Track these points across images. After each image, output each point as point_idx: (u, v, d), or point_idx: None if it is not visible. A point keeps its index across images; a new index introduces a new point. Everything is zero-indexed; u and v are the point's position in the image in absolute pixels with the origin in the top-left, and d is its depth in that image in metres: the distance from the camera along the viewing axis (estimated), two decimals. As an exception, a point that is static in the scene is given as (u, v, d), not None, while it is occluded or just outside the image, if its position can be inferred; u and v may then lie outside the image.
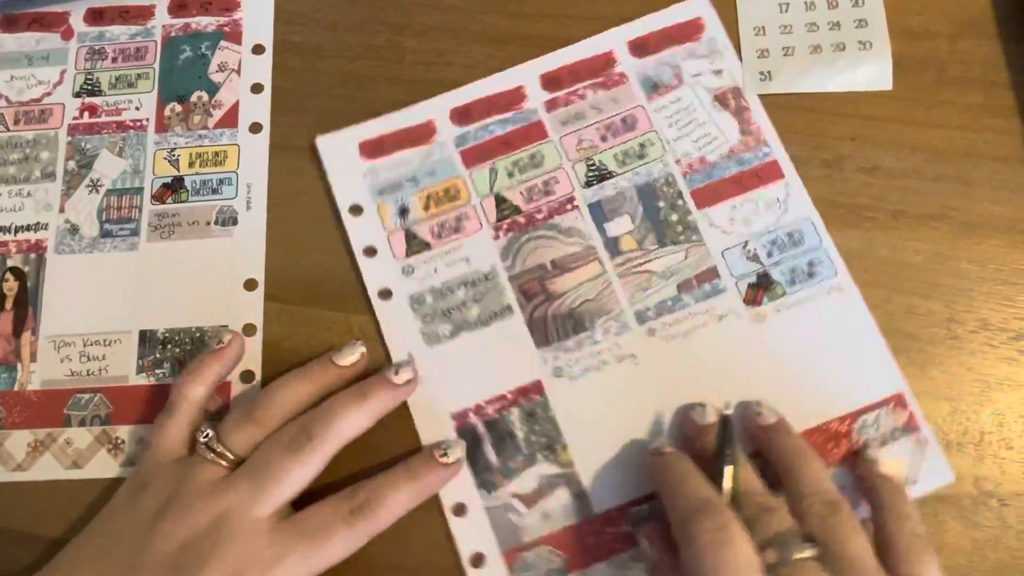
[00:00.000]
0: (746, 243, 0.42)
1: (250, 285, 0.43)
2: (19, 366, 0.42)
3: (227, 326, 0.42)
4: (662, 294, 0.41)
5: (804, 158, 0.44)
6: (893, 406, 0.39)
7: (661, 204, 0.43)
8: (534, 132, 0.44)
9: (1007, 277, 0.42)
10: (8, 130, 0.45)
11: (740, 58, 0.45)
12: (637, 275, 0.42)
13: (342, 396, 0.37)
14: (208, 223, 0.43)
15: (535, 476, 0.39)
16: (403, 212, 0.43)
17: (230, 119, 0.45)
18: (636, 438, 0.39)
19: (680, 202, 0.43)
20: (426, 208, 0.43)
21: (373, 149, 0.44)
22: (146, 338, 0.42)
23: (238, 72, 0.46)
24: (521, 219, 0.43)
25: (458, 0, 0.47)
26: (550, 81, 0.45)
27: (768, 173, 0.43)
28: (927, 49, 0.45)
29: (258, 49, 0.47)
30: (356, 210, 0.43)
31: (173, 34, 0.47)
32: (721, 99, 0.44)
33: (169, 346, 0.41)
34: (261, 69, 0.46)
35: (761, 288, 0.41)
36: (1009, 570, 0.38)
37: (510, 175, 0.44)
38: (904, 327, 0.41)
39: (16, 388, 0.41)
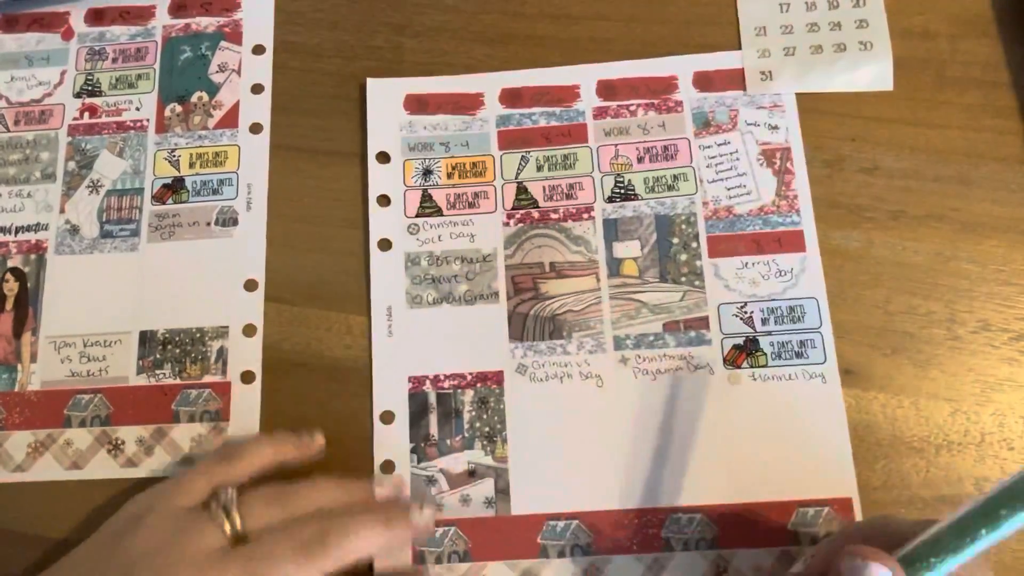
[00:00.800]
0: (744, 304, 0.41)
1: (250, 285, 0.43)
2: (19, 367, 0.42)
3: (227, 327, 0.42)
4: (646, 328, 0.41)
5: (804, 158, 0.44)
6: (837, 509, 0.38)
7: (675, 240, 0.42)
8: (575, 133, 0.44)
9: (1007, 277, 0.42)
10: (8, 131, 0.45)
11: (742, 58, 0.46)
12: (628, 302, 0.41)
13: (368, 518, 0.35)
14: (208, 223, 0.43)
15: (467, 460, 0.39)
16: (427, 173, 0.44)
17: (230, 119, 0.45)
18: (575, 456, 0.39)
19: (694, 244, 0.42)
20: (449, 176, 0.43)
21: (417, 104, 0.45)
22: (146, 339, 0.42)
23: (238, 72, 0.46)
24: (536, 213, 0.43)
25: (458, 0, 0.47)
26: (607, 88, 0.45)
27: (790, 242, 0.42)
28: (927, 49, 0.45)
29: (258, 49, 0.47)
30: (384, 157, 0.44)
31: (173, 35, 0.47)
32: (768, 155, 0.43)
33: (169, 347, 0.41)
34: (261, 69, 0.46)
35: (745, 352, 0.40)
36: (1009, 571, 0.38)
37: (539, 168, 0.44)
38: (904, 327, 0.41)
39: (16, 389, 0.41)
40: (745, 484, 0.39)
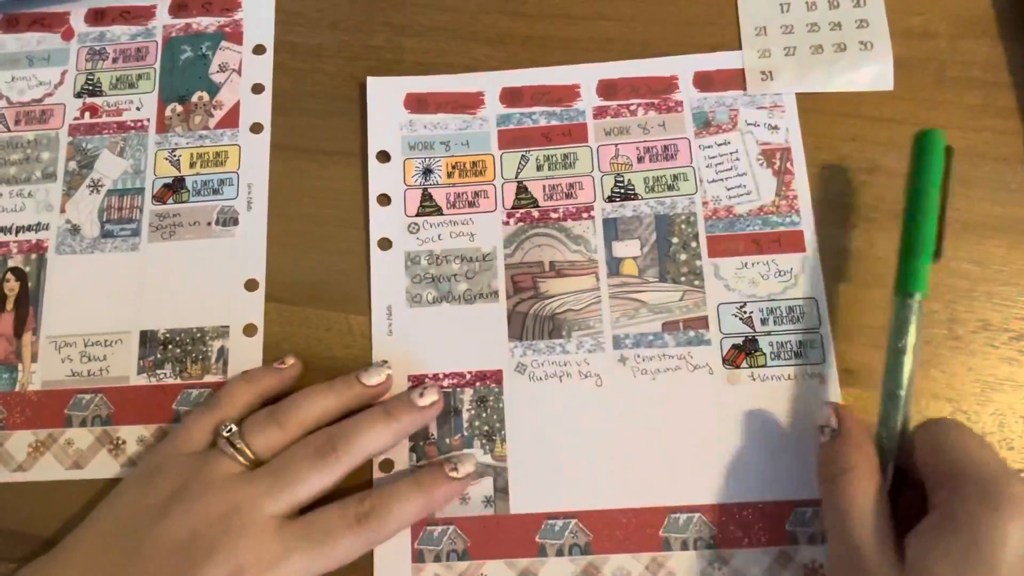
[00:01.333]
0: (744, 304, 0.41)
1: (251, 285, 0.43)
2: (20, 366, 0.42)
3: (228, 327, 0.42)
4: (646, 327, 0.41)
5: (804, 158, 0.44)
6: None
7: (674, 240, 0.42)
8: (576, 133, 0.44)
9: (1008, 277, 0.42)
10: (9, 130, 0.45)
11: (742, 58, 0.46)
12: (628, 301, 0.41)
13: (369, 414, 0.38)
14: (209, 223, 0.44)
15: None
16: (427, 172, 0.44)
17: (231, 119, 0.45)
18: (574, 455, 0.39)
19: (694, 244, 0.42)
20: (449, 175, 0.44)
21: (418, 103, 0.45)
22: (147, 338, 0.42)
23: (239, 72, 0.46)
24: (535, 212, 0.43)
25: (458, 0, 0.47)
26: (607, 88, 0.45)
27: (790, 242, 0.42)
28: (927, 49, 0.45)
29: (259, 49, 0.47)
30: (384, 156, 0.44)
31: (174, 34, 0.47)
32: (768, 155, 0.43)
33: (170, 346, 0.42)
34: (262, 69, 0.46)
35: (744, 352, 0.41)
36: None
37: (539, 168, 0.44)
38: (904, 327, 0.41)
39: (17, 388, 0.41)
40: (743, 484, 0.39)
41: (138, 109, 0.46)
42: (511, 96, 0.45)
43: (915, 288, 0.37)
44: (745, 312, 0.41)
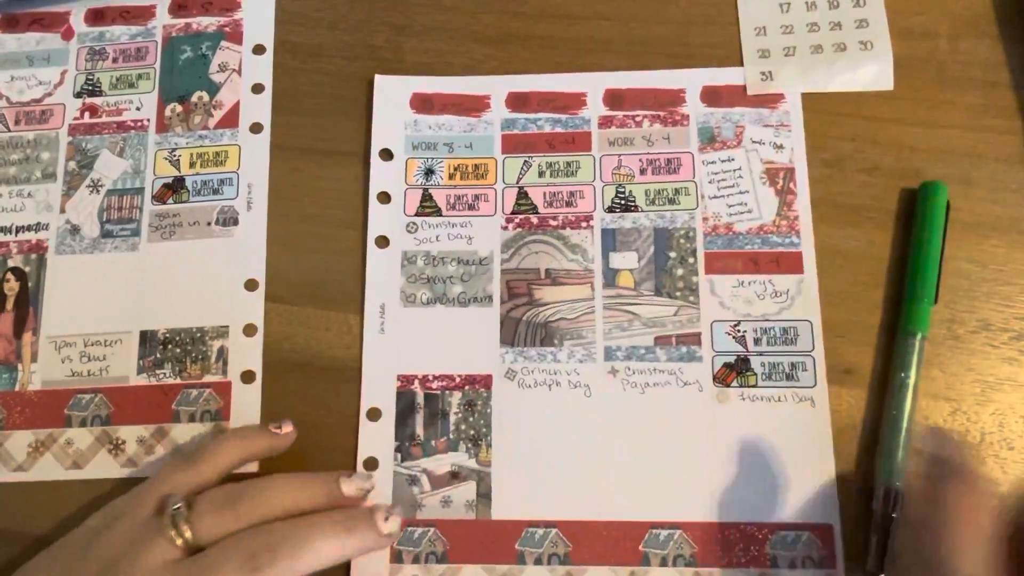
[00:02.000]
0: (738, 323, 0.41)
1: (251, 285, 0.43)
2: (20, 366, 0.42)
3: (228, 327, 0.42)
4: (638, 340, 0.41)
5: (807, 179, 0.44)
6: (816, 535, 0.38)
7: (672, 254, 0.42)
8: (579, 142, 0.44)
9: (1007, 277, 0.42)
10: (9, 130, 0.45)
11: (742, 58, 0.46)
12: (622, 313, 0.41)
13: (325, 524, 0.34)
14: (209, 223, 0.44)
15: (451, 462, 0.40)
16: (429, 173, 0.44)
17: (231, 119, 0.45)
18: (559, 464, 0.39)
19: (691, 260, 0.42)
20: (451, 177, 0.44)
21: (423, 104, 0.45)
22: (147, 338, 0.42)
23: (239, 72, 0.46)
24: (535, 219, 0.43)
25: (458, 0, 0.47)
26: (614, 98, 0.45)
27: (788, 263, 0.42)
28: (927, 49, 0.45)
29: (259, 49, 0.47)
30: (386, 154, 0.44)
31: (174, 34, 0.47)
32: (771, 174, 0.43)
33: (170, 346, 0.42)
34: (262, 69, 0.46)
35: (735, 371, 0.40)
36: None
37: (541, 174, 0.44)
38: (904, 327, 0.41)
39: (17, 388, 0.41)
40: (727, 503, 0.38)
41: (138, 109, 0.46)
42: (517, 101, 0.45)
43: (918, 328, 0.39)
44: (739, 331, 0.41)
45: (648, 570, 0.38)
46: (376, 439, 0.40)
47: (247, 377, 0.41)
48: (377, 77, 0.45)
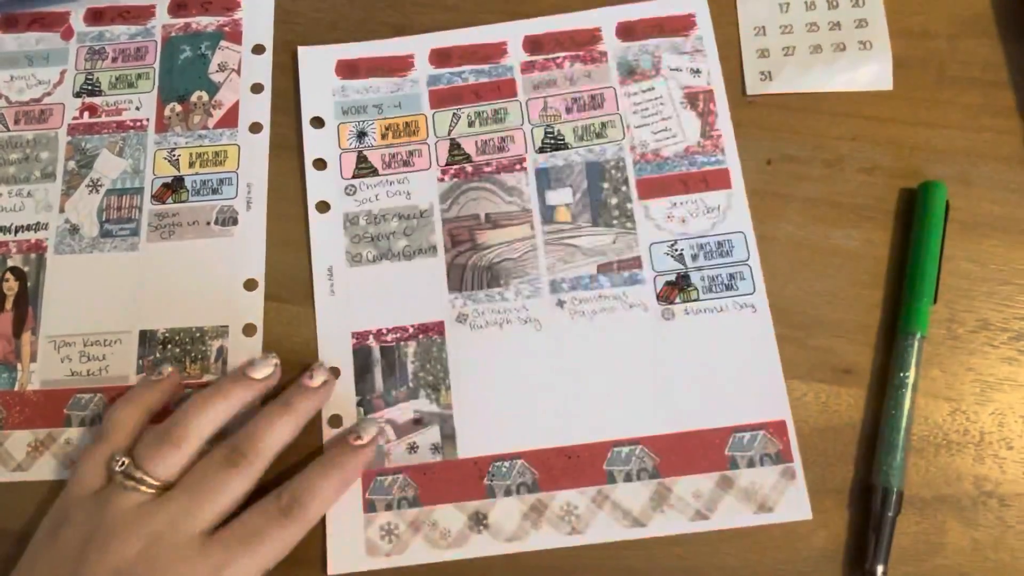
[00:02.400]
0: (675, 242, 0.42)
1: (250, 285, 0.43)
2: (19, 366, 0.42)
3: (227, 327, 0.42)
4: (581, 270, 0.42)
5: (804, 158, 0.44)
6: (771, 432, 0.39)
7: (605, 185, 0.43)
8: (505, 89, 0.45)
9: (1007, 277, 0.42)
10: (8, 130, 0.45)
11: (741, 58, 0.46)
12: (563, 247, 0.42)
13: (266, 412, 0.37)
14: (208, 223, 0.43)
15: (412, 409, 0.40)
16: (361, 135, 0.44)
17: (230, 119, 0.45)
18: (517, 398, 0.40)
19: (624, 188, 0.43)
20: (383, 137, 0.44)
21: (349, 69, 0.46)
22: (146, 338, 0.42)
23: (238, 72, 0.46)
24: (469, 167, 0.44)
25: (458, 0, 0.47)
26: (533, 44, 0.46)
27: (716, 180, 0.43)
28: (927, 49, 0.45)
29: (258, 49, 0.47)
30: (318, 122, 0.45)
31: (173, 34, 0.47)
32: (691, 98, 0.45)
33: (169, 346, 0.41)
34: (261, 69, 0.46)
35: (677, 288, 0.42)
36: (1009, 570, 0.38)
37: (471, 124, 0.45)
38: (904, 327, 0.41)
39: (16, 388, 0.41)
40: (683, 414, 0.40)
41: (137, 109, 0.46)
42: (440, 57, 0.46)
43: (917, 328, 0.39)
44: (676, 250, 0.42)
45: (614, 487, 0.39)
46: (338, 397, 0.41)
47: (246, 377, 0.41)
48: (300, 49, 0.46)
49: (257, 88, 0.46)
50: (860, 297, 0.42)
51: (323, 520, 0.38)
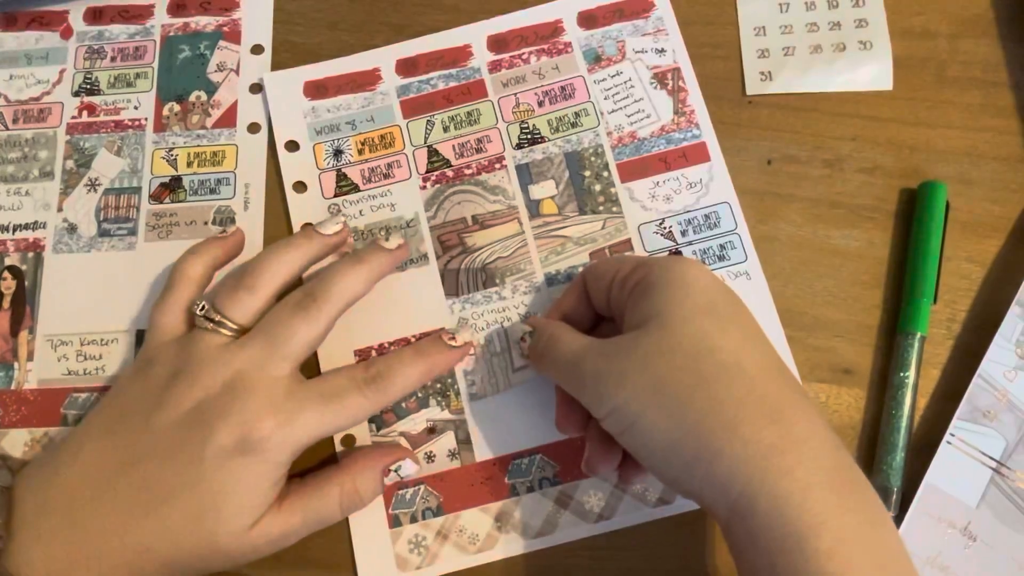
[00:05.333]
0: (663, 220, 0.43)
1: (248, 284, 0.42)
2: (16, 365, 0.41)
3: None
4: (574, 260, 0.42)
5: (804, 158, 0.44)
6: None
7: (587, 173, 0.44)
8: (475, 90, 0.45)
9: (1007, 277, 0.41)
10: (7, 129, 0.45)
11: (741, 58, 0.46)
12: (553, 239, 0.43)
13: (340, 263, 0.38)
14: (206, 223, 0.43)
15: (425, 419, 0.40)
16: (337, 153, 0.44)
17: (228, 119, 0.45)
18: (528, 394, 0.40)
19: (605, 173, 0.44)
20: (360, 152, 0.44)
21: (317, 90, 0.45)
22: (143, 338, 0.41)
23: (237, 72, 0.46)
24: (450, 172, 0.44)
25: (458, 0, 0.47)
26: (497, 43, 0.46)
27: (695, 154, 0.44)
28: (927, 49, 0.45)
29: (257, 49, 0.47)
30: (292, 145, 0.45)
31: (172, 34, 0.47)
32: (660, 78, 0.45)
33: (166, 345, 0.41)
34: (260, 69, 0.46)
35: None
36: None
37: (445, 129, 0.45)
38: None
39: (13, 387, 0.41)
40: None
41: (136, 108, 0.46)
42: (406, 66, 0.46)
43: (917, 328, 0.39)
44: (665, 228, 0.43)
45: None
46: None
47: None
48: (265, 75, 0.46)
49: (255, 88, 0.46)
50: (860, 297, 0.41)
51: (351, 543, 0.38)
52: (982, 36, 0.45)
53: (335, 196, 0.44)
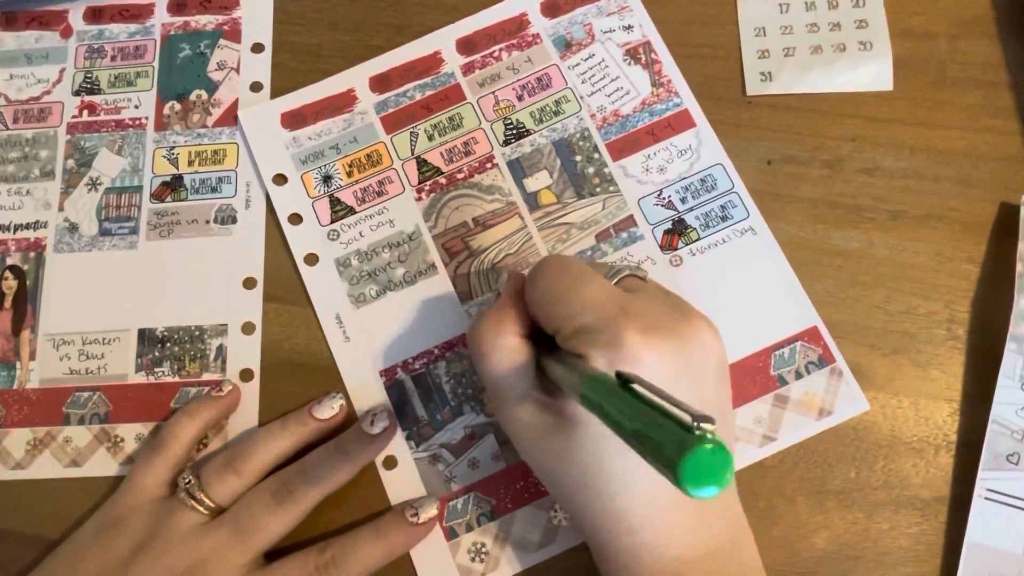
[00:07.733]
0: (661, 191, 0.43)
1: (249, 284, 0.42)
2: (18, 364, 0.41)
3: (226, 325, 0.42)
4: (581, 244, 0.42)
5: (804, 158, 0.44)
6: (807, 340, 0.40)
7: (578, 158, 0.44)
8: (452, 95, 0.45)
9: (1007, 277, 0.41)
10: (7, 128, 0.45)
11: (741, 58, 0.46)
12: (557, 227, 0.43)
13: (322, 453, 0.38)
14: (207, 222, 0.43)
15: (462, 426, 0.40)
16: (327, 179, 0.44)
17: (229, 118, 0.45)
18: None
19: (596, 155, 0.44)
20: (349, 175, 0.44)
21: (295, 120, 0.45)
22: (145, 337, 0.42)
23: (237, 71, 0.46)
24: (442, 180, 0.44)
25: (457, 0, 0.47)
26: (465, 45, 0.46)
27: (680, 122, 0.44)
28: (927, 49, 0.45)
29: (257, 48, 0.47)
30: (280, 179, 0.44)
31: (172, 32, 0.47)
32: (632, 53, 0.45)
33: (168, 344, 0.41)
34: (260, 68, 0.46)
35: (676, 234, 0.42)
36: (1008, 571, 0.38)
37: (430, 138, 0.45)
38: (904, 327, 0.41)
39: (15, 386, 0.41)
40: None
41: (136, 107, 0.46)
42: (380, 82, 0.46)
43: None
44: (664, 198, 0.43)
45: None
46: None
47: (246, 375, 0.41)
48: (240, 113, 0.45)
49: (256, 87, 0.46)
50: (860, 298, 0.41)
51: (410, 560, 0.38)
52: (982, 36, 0.46)
53: (332, 222, 0.43)
